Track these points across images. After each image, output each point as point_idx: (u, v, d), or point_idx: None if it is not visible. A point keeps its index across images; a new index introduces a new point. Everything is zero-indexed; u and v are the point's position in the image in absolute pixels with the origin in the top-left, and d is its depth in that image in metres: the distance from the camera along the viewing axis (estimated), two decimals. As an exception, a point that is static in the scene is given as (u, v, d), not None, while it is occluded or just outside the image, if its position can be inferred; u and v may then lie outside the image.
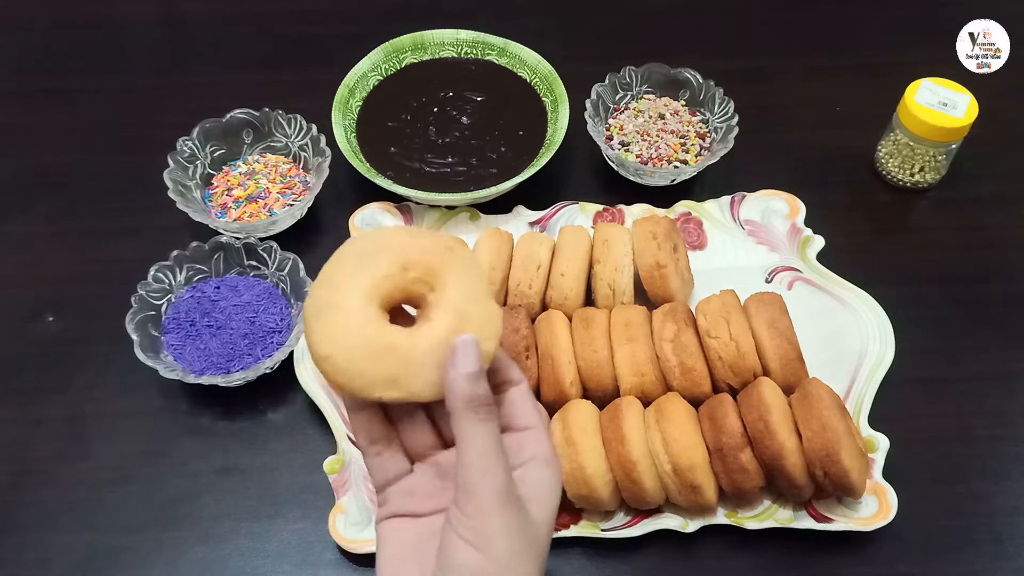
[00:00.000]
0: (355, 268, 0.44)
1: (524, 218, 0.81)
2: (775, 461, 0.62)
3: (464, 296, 0.45)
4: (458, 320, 0.44)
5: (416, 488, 0.47)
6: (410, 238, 0.46)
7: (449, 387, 0.43)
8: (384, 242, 0.45)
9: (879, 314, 0.74)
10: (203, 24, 1.01)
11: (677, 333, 0.67)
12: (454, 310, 0.44)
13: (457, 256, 0.46)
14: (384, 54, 0.88)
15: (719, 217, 0.81)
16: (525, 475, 0.45)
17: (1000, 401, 0.74)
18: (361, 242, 0.46)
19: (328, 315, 0.44)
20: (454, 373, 0.43)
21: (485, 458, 0.42)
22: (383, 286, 0.44)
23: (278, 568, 0.66)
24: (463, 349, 0.43)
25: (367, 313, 0.44)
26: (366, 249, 0.45)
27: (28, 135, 0.90)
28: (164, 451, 0.71)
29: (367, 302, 0.44)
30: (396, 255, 0.45)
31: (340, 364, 0.43)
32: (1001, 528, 0.67)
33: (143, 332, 0.71)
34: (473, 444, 0.42)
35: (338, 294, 0.44)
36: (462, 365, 0.43)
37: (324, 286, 0.44)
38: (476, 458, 0.42)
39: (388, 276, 0.44)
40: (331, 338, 0.43)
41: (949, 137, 0.80)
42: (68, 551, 0.66)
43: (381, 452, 0.47)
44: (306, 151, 0.83)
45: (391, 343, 0.43)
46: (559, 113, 0.83)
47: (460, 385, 0.43)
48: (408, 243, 0.45)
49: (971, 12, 0.86)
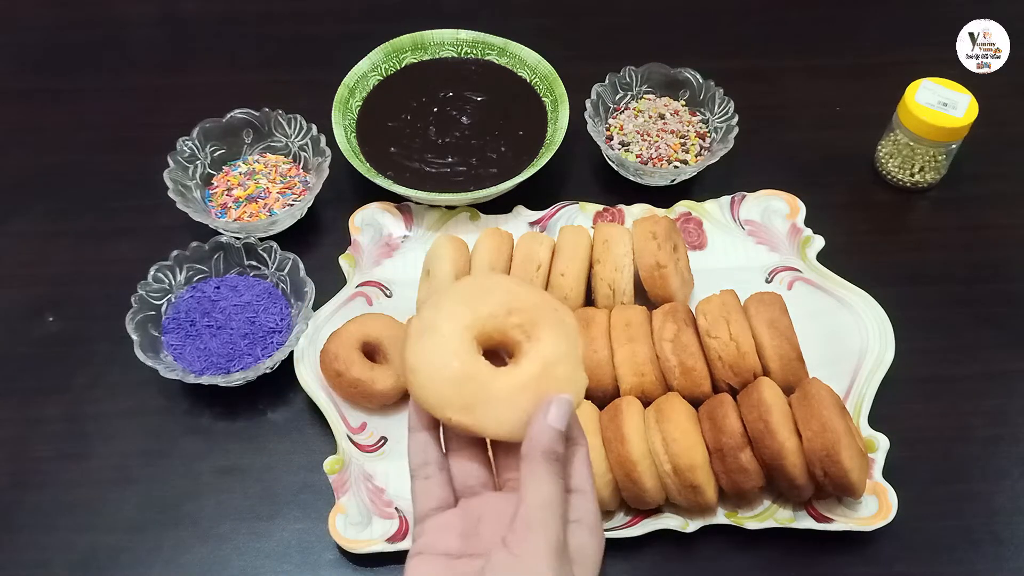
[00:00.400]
0: (464, 301, 0.47)
1: (524, 218, 0.81)
2: (775, 461, 0.62)
3: (556, 354, 0.46)
4: (544, 373, 0.46)
5: (454, 525, 0.46)
6: (523, 289, 0.48)
7: (534, 433, 0.44)
8: (499, 286, 0.48)
9: (879, 314, 0.74)
10: (203, 24, 1.01)
11: (677, 333, 0.67)
12: (543, 363, 0.46)
13: (561, 318, 0.48)
14: (384, 54, 0.88)
15: (719, 217, 0.81)
16: (569, 537, 0.44)
17: (1000, 401, 0.74)
18: (478, 279, 0.50)
19: (427, 335, 0.46)
20: (544, 423, 0.44)
21: (550, 508, 0.43)
22: (485, 323, 0.46)
23: (278, 568, 0.66)
24: (559, 404, 0.44)
25: (463, 342, 0.46)
26: (480, 287, 0.48)
27: (28, 135, 0.90)
28: (164, 451, 0.71)
29: (466, 333, 0.46)
30: (505, 298, 0.47)
31: (423, 379, 0.45)
32: (1001, 528, 0.67)
33: (143, 332, 0.71)
34: (540, 492, 0.43)
35: (441, 319, 0.46)
36: (554, 418, 0.44)
37: (432, 310, 0.47)
38: (541, 505, 0.43)
39: (492, 316, 0.46)
40: (423, 355, 0.46)
41: (949, 137, 0.80)
42: (68, 551, 0.66)
43: (430, 476, 0.47)
44: (306, 151, 0.83)
45: (475, 373, 0.45)
46: (559, 113, 0.83)
47: (546, 435, 0.44)
48: (520, 293, 0.48)
49: (971, 12, 0.86)
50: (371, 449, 0.69)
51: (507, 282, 0.49)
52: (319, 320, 0.74)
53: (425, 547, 0.45)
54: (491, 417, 0.45)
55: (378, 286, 0.77)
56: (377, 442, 0.70)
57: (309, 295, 0.73)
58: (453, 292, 0.48)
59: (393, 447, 0.70)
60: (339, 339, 0.70)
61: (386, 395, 0.70)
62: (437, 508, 0.46)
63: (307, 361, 0.72)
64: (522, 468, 0.44)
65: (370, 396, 0.69)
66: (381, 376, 0.69)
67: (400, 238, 0.80)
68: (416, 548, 0.46)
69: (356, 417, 0.71)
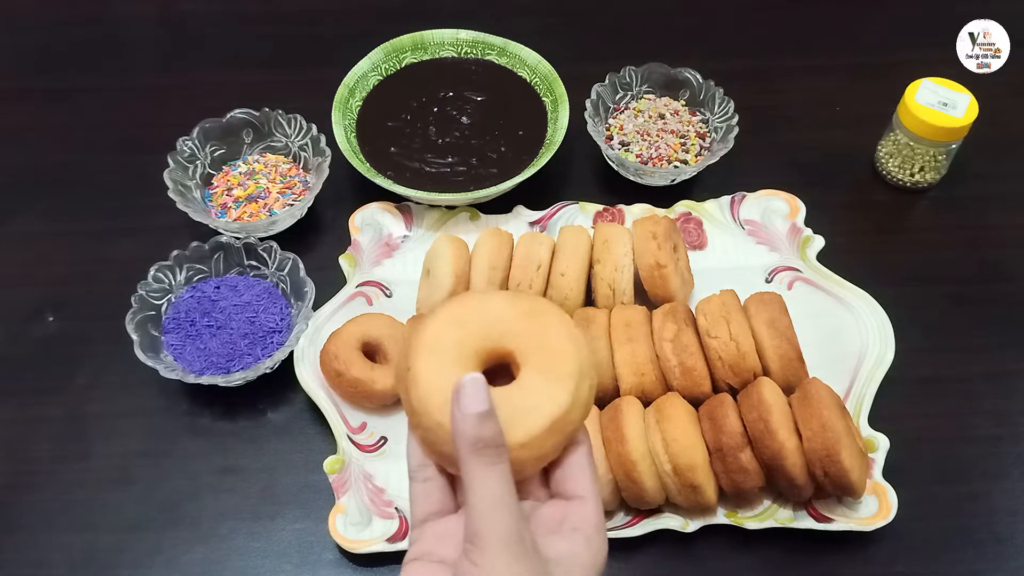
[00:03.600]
0: (457, 321, 0.44)
1: (524, 218, 0.81)
2: (775, 461, 0.62)
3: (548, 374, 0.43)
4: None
5: (453, 533, 0.42)
6: (516, 308, 0.44)
7: (455, 427, 0.40)
8: (491, 305, 0.44)
9: (879, 314, 0.74)
10: (203, 24, 1.01)
11: (677, 333, 0.67)
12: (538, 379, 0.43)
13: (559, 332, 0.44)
14: (384, 54, 0.88)
15: (719, 217, 0.81)
16: (557, 542, 0.41)
17: (1000, 401, 0.74)
18: (475, 297, 0.45)
19: (428, 350, 0.43)
20: (459, 412, 0.40)
21: (492, 504, 0.39)
22: (482, 342, 0.43)
23: (278, 568, 0.66)
24: (469, 385, 0.40)
25: (461, 358, 0.42)
26: (476, 305, 0.44)
27: (28, 135, 0.90)
28: (164, 451, 0.71)
29: (463, 349, 0.43)
30: (497, 319, 0.43)
31: (423, 392, 0.42)
32: (1001, 528, 0.67)
33: (143, 332, 0.71)
34: (479, 490, 0.39)
35: (440, 333, 0.43)
36: (467, 403, 0.40)
37: (431, 322, 0.43)
38: (482, 504, 0.39)
39: (486, 336, 0.43)
40: (425, 367, 0.42)
41: (949, 137, 0.80)
42: (68, 551, 0.66)
43: (430, 479, 0.43)
44: (306, 151, 0.83)
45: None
46: (559, 113, 0.83)
47: (466, 423, 0.39)
48: (509, 314, 0.44)
49: (971, 12, 0.86)
50: (371, 449, 0.69)
51: (501, 301, 0.44)
52: (319, 320, 0.74)
53: (422, 553, 0.42)
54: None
55: (378, 286, 0.77)
56: (377, 442, 0.70)
57: (309, 295, 0.73)
58: (448, 308, 0.44)
59: (393, 447, 0.70)
60: (339, 339, 0.70)
61: (386, 395, 0.70)
62: (437, 512, 0.43)
63: (307, 361, 0.72)
64: (460, 470, 0.40)
65: (370, 396, 0.69)
66: (381, 376, 0.69)
67: (400, 238, 0.80)
68: (412, 553, 0.43)
69: (356, 417, 0.71)
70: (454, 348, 0.42)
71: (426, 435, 0.42)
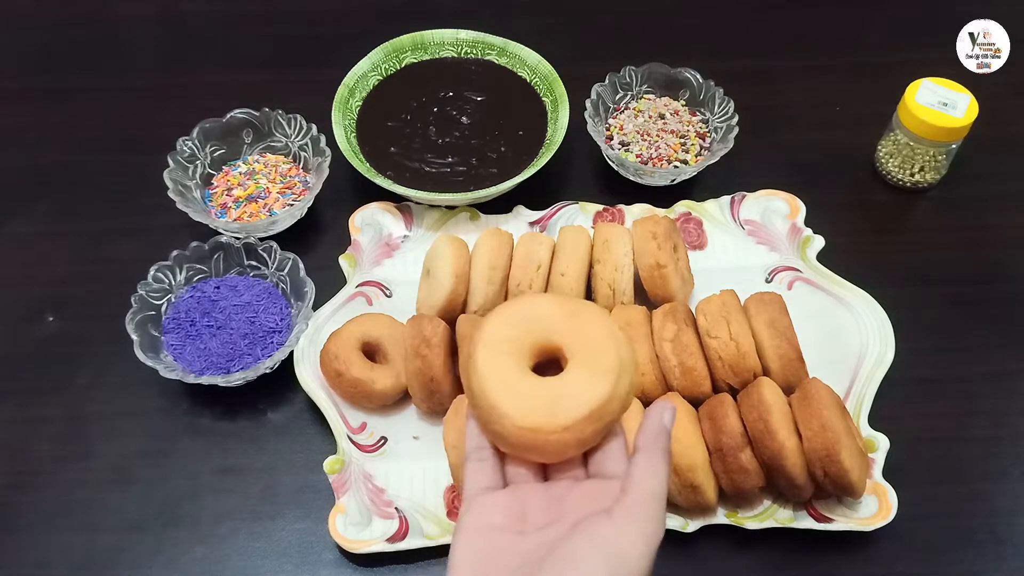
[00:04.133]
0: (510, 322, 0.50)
1: (524, 218, 0.81)
2: (775, 461, 0.62)
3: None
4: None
5: (502, 505, 0.48)
6: (563, 309, 0.50)
7: (653, 428, 0.47)
8: (539, 307, 0.51)
9: (879, 314, 0.74)
10: (203, 24, 1.01)
11: (677, 333, 0.67)
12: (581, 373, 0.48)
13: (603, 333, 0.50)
14: (384, 54, 0.88)
15: (719, 217, 0.81)
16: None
17: (999, 401, 0.74)
18: (526, 301, 0.52)
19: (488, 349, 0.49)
20: (660, 422, 0.47)
21: (658, 498, 0.45)
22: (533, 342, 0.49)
23: (278, 568, 0.66)
24: (671, 411, 0.48)
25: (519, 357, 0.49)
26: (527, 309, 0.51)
27: (28, 135, 0.90)
28: (164, 451, 0.71)
29: (517, 347, 0.49)
30: (544, 321, 0.50)
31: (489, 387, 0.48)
32: (1001, 528, 0.67)
33: (143, 332, 0.71)
34: (654, 482, 0.46)
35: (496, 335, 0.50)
36: (668, 420, 0.48)
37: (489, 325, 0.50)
38: (653, 494, 0.45)
39: (534, 336, 0.50)
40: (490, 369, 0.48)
41: (949, 137, 0.80)
42: (68, 551, 0.66)
43: (484, 459, 0.49)
44: (306, 151, 0.83)
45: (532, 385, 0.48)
46: (559, 113, 0.83)
47: (662, 434, 0.47)
48: (556, 314, 0.50)
49: (971, 12, 0.86)
50: (371, 449, 0.69)
51: (549, 302, 0.50)
52: (319, 320, 0.74)
53: (472, 522, 0.47)
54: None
55: (378, 286, 0.77)
56: (377, 442, 0.70)
57: (309, 295, 0.73)
58: (503, 308, 0.51)
59: (393, 447, 0.70)
60: (339, 339, 0.70)
61: (386, 395, 0.70)
62: (489, 487, 0.48)
63: (307, 361, 0.72)
64: (639, 459, 0.46)
65: (370, 396, 0.69)
66: (381, 376, 0.69)
67: (400, 238, 0.80)
68: (463, 523, 0.47)
69: (356, 417, 0.71)
70: (507, 342, 0.49)
71: (481, 414, 0.48)
